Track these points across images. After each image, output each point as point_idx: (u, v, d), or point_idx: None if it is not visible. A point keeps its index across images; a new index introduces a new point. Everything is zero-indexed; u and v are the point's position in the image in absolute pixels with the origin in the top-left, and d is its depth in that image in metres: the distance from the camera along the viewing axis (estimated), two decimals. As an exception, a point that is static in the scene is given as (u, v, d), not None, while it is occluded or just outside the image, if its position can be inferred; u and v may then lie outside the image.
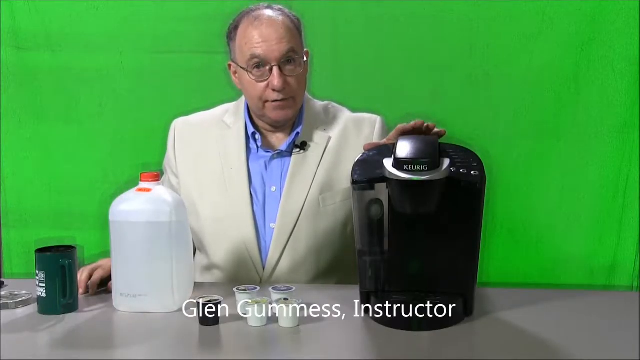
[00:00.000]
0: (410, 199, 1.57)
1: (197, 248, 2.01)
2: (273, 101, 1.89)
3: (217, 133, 2.00)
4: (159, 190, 1.68)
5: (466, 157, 1.55)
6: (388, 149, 1.56)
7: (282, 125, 1.97)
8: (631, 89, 2.36)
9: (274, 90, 1.87)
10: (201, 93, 2.42)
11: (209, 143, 2.00)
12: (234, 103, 2.04)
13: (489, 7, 2.39)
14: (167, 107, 2.43)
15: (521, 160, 2.44)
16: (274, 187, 1.94)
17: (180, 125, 2.05)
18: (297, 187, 1.92)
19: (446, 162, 1.52)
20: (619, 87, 2.37)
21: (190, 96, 2.43)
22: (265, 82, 1.87)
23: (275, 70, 1.85)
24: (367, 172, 1.58)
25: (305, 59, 1.94)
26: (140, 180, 1.68)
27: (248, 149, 1.97)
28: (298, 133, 1.96)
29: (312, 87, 2.09)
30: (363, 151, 1.68)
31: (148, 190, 1.66)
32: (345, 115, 2.03)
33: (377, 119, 2.02)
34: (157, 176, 1.69)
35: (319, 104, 2.04)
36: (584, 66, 2.38)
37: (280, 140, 1.98)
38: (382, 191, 1.58)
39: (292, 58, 1.87)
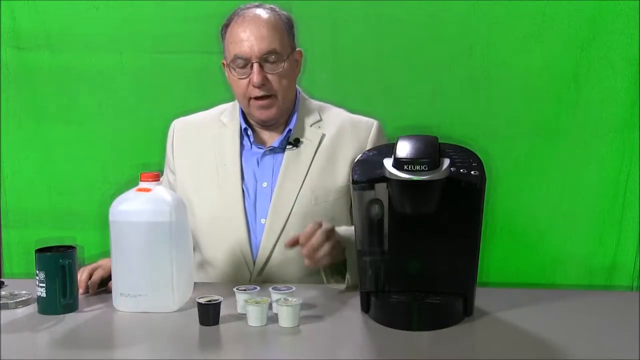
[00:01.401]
0: (410, 199, 1.57)
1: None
2: (256, 98, 1.90)
3: (214, 132, 2.01)
4: (159, 190, 1.68)
5: (466, 157, 1.55)
6: (388, 149, 1.56)
7: (271, 124, 1.98)
8: (631, 89, 2.36)
9: (254, 86, 1.89)
10: (200, 93, 2.42)
11: (206, 142, 2.01)
12: (231, 103, 2.05)
13: (489, 7, 2.39)
14: (166, 107, 2.43)
15: (521, 160, 2.44)
16: (265, 183, 1.95)
17: (179, 126, 2.07)
18: (289, 183, 1.93)
19: (446, 162, 1.52)
20: (619, 87, 2.37)
21: (190, 96, 2.43)
22: (247, 79, 1.89)
23: (255, 67, 1.87)
24: (367, 172, 1.58)
25: (296, 58, 1.95)
26: (140, 180, 1.68)
27: (242, 146, 1.98)
28: (290, 130, 1.97)
29: (311, 87, 2.09)
30: (357, 152, 1.70)
31: (148, 190, 1.66)
32: (342, 115, 2.03)
33: (374, 123, 2.01)
34: (157, 176, 1.69)
35: (314, 103, 2.05)
36: (584, 66, 2.38)
37: (273, 137, 1.99)
38: (382, 191, 1.58)
39: (273, 57, 1.88)
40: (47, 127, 2.54)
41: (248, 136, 1.98)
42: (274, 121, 1.96)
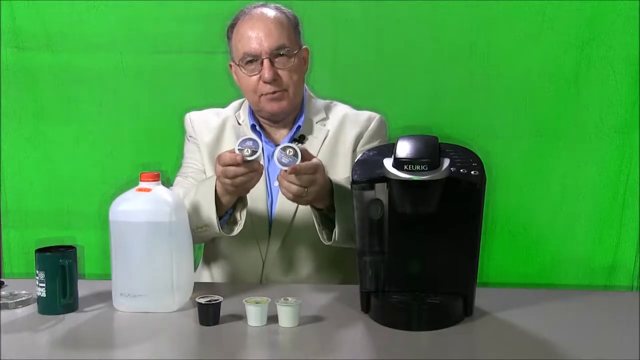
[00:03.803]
0: (410, 199, 1.57)
1: None
2: (267, 94, 1.90)
3: (232, 123, 2.01)
4: (159, 190, 1.68)
5: (466, 157, 1.55)
6: (388, 149, 1.56)
7: (281, 119, 1.98)
8: (631, 89, 2.36)
9: (265, 82, 1.89)
10: (201, 93, 2.42)
11: (225, 133, 2.01)
12: (243, 99, 2.05)
13: (489, 7, 2.39)
14: (167, 107, 2.43)
15: (521, 160, 2.44)
16: (277, 182, 1.94)
17: (194, 115, 2.06)
18: None
19: (446, 162, 1.52)
20: (619, 87, 2.37)
21: (190, 96, 2.43)
22: (258, 76, 1.90)
23: (265, 62, 1.88)
24: (367, 172, 1.58)
25: (304, 55, 1.96)
26: (140, 180, 1.68)
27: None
28: (299, 126, 1.98)
29: (312, 86, 2.09)
30: (356, 143, 1.69)
31: (148, 190, 1.66)
32: (346, 111, 2.04)
33: (376, 116, 2.03)
34: (157, 176, 1.69)
35: (321, 101, 2.06)
36: (584, 66, 2.38)
37: (283, 135, 2.00)
38: (382, 191, 1.58)
39: (282, 52, 1.89)
40: (47, 127, 2.53)
41: (259, 133, 1.98)
42: (284, 115, 1.96)
